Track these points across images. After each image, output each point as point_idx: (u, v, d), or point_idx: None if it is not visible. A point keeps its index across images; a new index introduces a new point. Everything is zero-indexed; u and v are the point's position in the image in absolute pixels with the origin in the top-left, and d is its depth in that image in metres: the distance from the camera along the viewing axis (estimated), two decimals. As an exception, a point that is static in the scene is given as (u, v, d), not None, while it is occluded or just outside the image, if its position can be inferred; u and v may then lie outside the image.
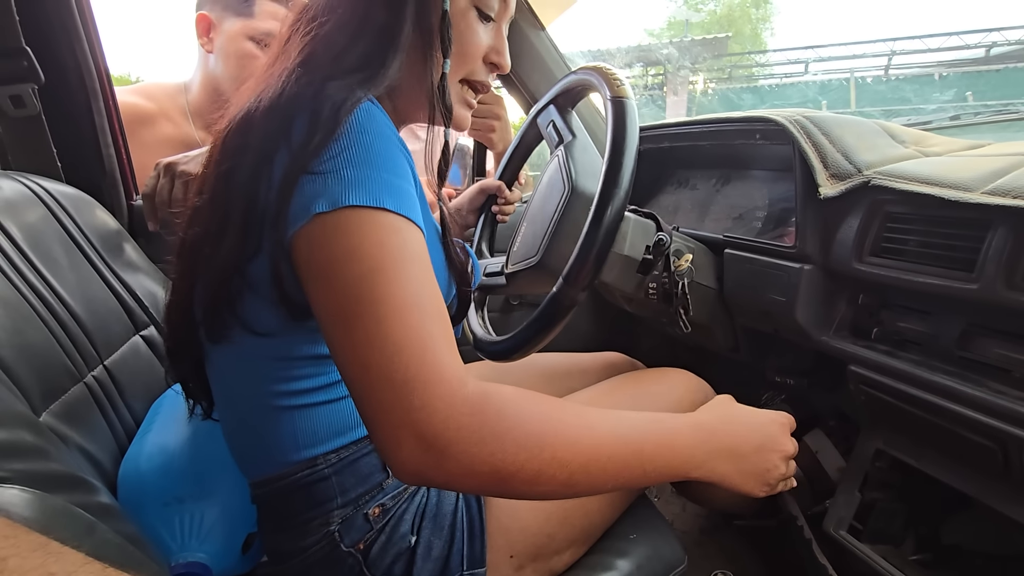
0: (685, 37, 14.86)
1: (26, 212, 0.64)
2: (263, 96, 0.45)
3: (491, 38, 0.57)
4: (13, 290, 0.55)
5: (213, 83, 1.05)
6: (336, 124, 0.41)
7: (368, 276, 0.38)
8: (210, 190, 0.47)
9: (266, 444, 0.52)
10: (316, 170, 0.40)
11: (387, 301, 0.38)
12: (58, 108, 0.83)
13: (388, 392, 0.37)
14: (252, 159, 0.44)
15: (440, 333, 0.40)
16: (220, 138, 0.48)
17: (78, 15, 0.83)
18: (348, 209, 0.39)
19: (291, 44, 0.50)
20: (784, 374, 0.80)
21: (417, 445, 0.37)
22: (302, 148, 0.41)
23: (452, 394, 0.38)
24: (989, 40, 12.10)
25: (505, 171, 0.91)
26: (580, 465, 0.42)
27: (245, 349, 0.49)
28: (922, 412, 0.57)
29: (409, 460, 0.38)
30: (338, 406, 0.51)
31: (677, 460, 0.48)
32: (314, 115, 0.42)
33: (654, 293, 0.73)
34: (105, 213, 0.80)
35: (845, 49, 13.19)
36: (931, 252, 0.55)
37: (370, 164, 0.41)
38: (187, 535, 0.56)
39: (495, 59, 0.57)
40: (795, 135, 0.66)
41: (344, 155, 0.41)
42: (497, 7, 0.56)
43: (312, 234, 0.40)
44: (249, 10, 0.99)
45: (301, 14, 0.52)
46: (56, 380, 0.55)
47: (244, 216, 0.44)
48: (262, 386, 0.50)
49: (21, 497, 0.36)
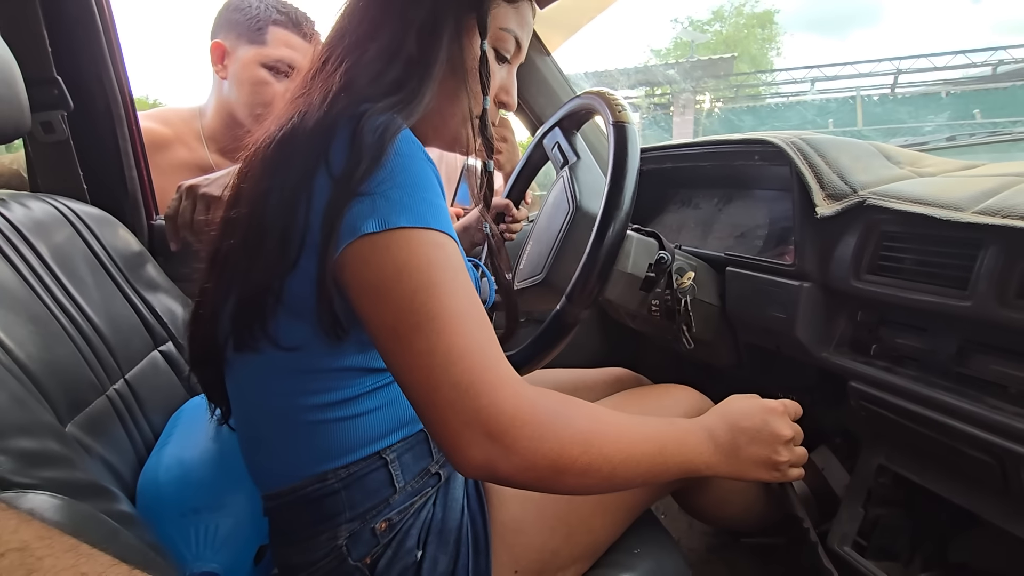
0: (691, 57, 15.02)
1: (55, 232, 0.67)
2: (308, 115, 0.48)
3: (503, 78, 0.61)
4: (43, 307, 0.58)
5: (227, 108, 1.09)
6: (382, 151, 0.44)
7: (422, 290, 0.42)
8: (248, 204, 0.49)
9: (280, 457, 0.53)
10: (364, 192, 0.43)
11: (444, 312, 0.42)
12: (85, 133, 0.87)
13: (454, 396, 0.41)
14: (293, 178, 0.46)
15: (492, 339, 0.44)
16: (259, 153, 0.50)
17: (106, 45, 0.87)
18: (397, 230, 0.42)
19: (329, 69, 0.52)
20: (787, 390, 0.81)
21: (485, 442, 0.41)
22: (348, 173, 0.44)
23: (516, 395, 0.42)
24: (996, 59, 12.13)
25: (512, 190, 0.94)
26: (620, 460, 0.46)
27: (268, 361, 0.51)
28: (921, 427, 0.58)
29: (478, 457, 0.41)
30: (352, 423, 0.53)
31: (690, 457, 0.52)
32: (355, 140, 0.45)
33: (657, 310, 0.75)
34: (127, 232, 0.83)
35: (851, 68, 13.26)
36: (926, 270, 0.56)
37: (414, 186, 0.44)
38: (202, 545, 0.58)
39: (504, 98, 0.62)
40: (792, 157, 0.68)
41: (391, 179, 0.44)
42: (512, 50, 0.60)
43: (361, 252, 0.43)
44: (262, 38, 1.03)
45: (338, 41, 0.55)
46: (81, 393, 0.58)
47: (282, 234, 0.46)
48: (281, 399, 0.52)
49: (51, 503, 0.38)
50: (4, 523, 0.25)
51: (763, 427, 0.56)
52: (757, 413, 0.56)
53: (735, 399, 0.59)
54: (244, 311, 0.50)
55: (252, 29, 1.03)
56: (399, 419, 0.55)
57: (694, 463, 0.52)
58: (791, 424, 0.58)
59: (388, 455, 0.54)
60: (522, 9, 0.60)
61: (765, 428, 0.56)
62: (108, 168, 0.91)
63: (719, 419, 0.56)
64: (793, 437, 0.57)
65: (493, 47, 0.58)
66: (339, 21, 0.57)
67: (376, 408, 0.53)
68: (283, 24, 1.04)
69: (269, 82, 1.04)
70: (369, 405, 0.53)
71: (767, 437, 0.55)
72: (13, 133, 0.63)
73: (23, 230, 0.62)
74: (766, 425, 0.56)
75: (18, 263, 0.58)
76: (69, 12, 0.83)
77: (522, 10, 0.60)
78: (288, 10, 1.06)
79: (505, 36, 0.58)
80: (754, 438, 0.55)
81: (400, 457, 0.55)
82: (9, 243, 0.59)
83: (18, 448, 0.41)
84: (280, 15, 1.04)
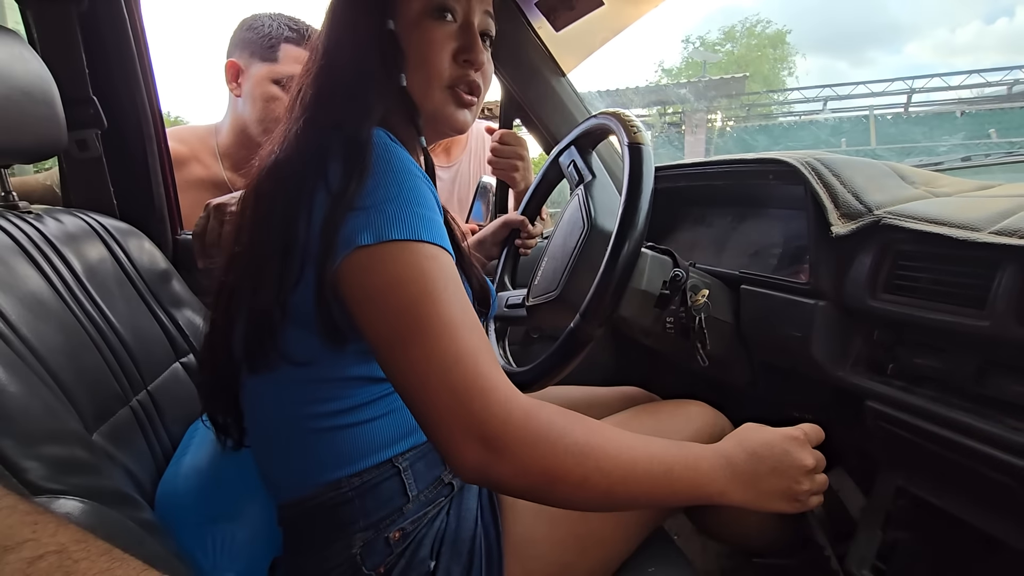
0: (703, 77, 15.11)
1: (86, 246, 0.69)
2: (285, 144, 0.51)
3: (456, 38, 0.57)
4: (73, 318, 0.60)
5: (241, 125, 1.12)
6: (365, 163, 0.46)
7: (417, 300, 0.43)
8: (248, 236, 0.51)
9: (295, 466, 0.54)
10: (359, 206, 0.45)
11: (438, 321, 0.43)
12: (117, 150, 0.90)
13: (449, 400, 0.42)
14: (288, 200, 0.48)
15: (486, 347, 0.45)
16: (251, 187, 0.53)
17: (139, 66, 0.91)
18: (391, 242, 0.44)
19: (304, 92, 0.55)
20: (803, 409, 0.80)
21: (478, 446, 0.42)
22: (342, 190, 0.46)
23: (507, 400, 0.43)
24: (1011, 78, 12.06)
25: (527, 207, 0.95)
26: (620, 477, 0.46)
27: (282, 375, 0.53)
28: (941, 449, 0.57)
29: (470, 460, 0.42)
30: (363, 429, 0.54)
31: (701, 483, 0.50)
32: (344, 156, 0.47)
33: (671, 327, 0.75)
34: (152, 246, 0.85)
35: (864, 87, 13.24)
36: (942, 289, 0.56)
37: (408, 201, 0.46)
38: (219, 554, 0.58)
39: (466, 56, 0.57)
40: (806, 176, 0.68)
41: (380, 191, 0.46)
42: (455, 6, 0.56)
43: (358, 264, 0.44)
44: (273, 55, 1.07)
45: (304, 67, 0.57)
46: (106, 403, 0.59)
47: (283, 253, 0.48)
48: (295, 409, 0.53)
49: (81, 508, 0.39)
50: (44, 526, 0.26)
51: (784, 457, 0.53)
52: (778, 443, 0.54)
53: (754, 427, 0.57)
54: (256, 331, 0.51)
55: (264, 47, 1.07)
56: (406, 426, 0.56)
57: (706, 489, 0.51)
58: (813, 452, 0.55)
59: (400, 463, 0.55)
60: None
61: (787, 458, 0.53)
62: (137, 184, 0.94)
63: (738, 446, 0.54)
64: (815, 466, 0.55)
65: (429, 11, 0.55)
66: (312, 45, 0.59)
67: (382, 415, 0.54)
68: (294, 41, 1.08)
69: (280, 98, 1.07)
70: (375, 412, 0.54)
71: (789, 467, 0.53)
72: (51, 150, 0.66)
73: (57, 243, 0.64)
74: (787, 455, 0.53)
75: (51, 275, 0.60)
76: (106, 35, 0.87)
77: None
78: (300, 27, 1.09)
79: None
80: (775, 468, 0.53)
81: (412, 465, 0.55)
82: (44, 256, 0.61)
83: (49, 455, 0.42)
84: (292, 32, 1.08)
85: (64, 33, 0.82)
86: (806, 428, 0.57)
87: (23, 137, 0.62)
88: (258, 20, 1.08)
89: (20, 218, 0.63)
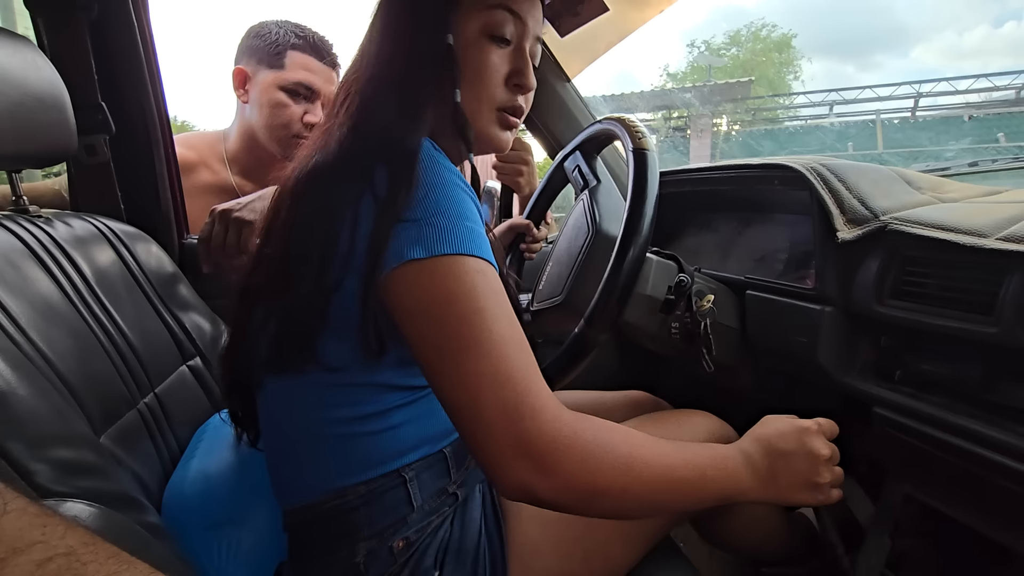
0: (708, 81, 15.12)
1: (95, 249, 0.70)
2: (326, 148, 0.50)
3: (509, 62, 0.57)
4: (82, 321, 0.60)
5: (248, 131, 1.13)
6: (413, 174, 0.46)
7: (469, 316, 0.44)
8: (280, 238, 0.51)
9: (306, 469, 0.54)
10: (408, 218, 0.45)
11: (490, 337, 0.44)
12: (124, 155, 0.91)
13: (500, 418, 0.42)
14: (329, 205, 0.48)
15: (534, 364, 0.45)
16: (288, 190, 0.52)
17: (147, 72, 0.92)
18: (443, 256, 0.44)
19: (351, 98, 0.55)
20: (809, 415, 0.80)
21: (526, 464, 0.42)
22: (391, 200, 0.46)
23: (556, 419, 0.43)
24: (1019, 82, 12.00)
25: (532, 211, 0.96)
26: (658, 484, 0.47)
27: (308, 379, 0.52)
28: (950, 456, 0.56)
29: (519, 478, 0.43)
30: (379, 437, 0.53)
31: (730, 483, 0.51)
32: (393, 165, 0.47)
33: (677, 332, 0.75)
34: (159, 250, 0.86)
35: (870, 92, 13.21)
36: (950, 296, 0.56)
37: (457, 215, 0.46)
38: (224, 560, 0.58)
39: (517, 80, 0.58)
40: (812, 182, 0.68)
41: (430, 204, 0.46)
42: (511, 30, 0.56)
43: (409, 277, 0.45)
44: (280, 62, 1.08)
45: (357, 70, 0.57)
46: (114, 406, 0.59)
47: (321, 259, 0.48)
48: (314, 413, 0.53)
49: (89, 512, 0.39)
50: (53, 529, 0.26)
51: (800, 448, 0.54)
52: (792, 433, 0.55)
53: (769, 419, 0.58)
54: (289, 335, 0.51)
55: (271, 54, 1.08)
56: (422, 436, 0.56)
57: (732, 489, 0.51)
58: (827, 443, 0.56)
59: (407, 473, 0.54)
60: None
61: (802, 448, 0.54)
62: (144, 188, 0.95)
63: (754, 443, 0.55)
64: (831, 456, 0.55)
65: (487, 33, 0.55)
66: (358, 51, 0.58)
67: (403, 423, 0.54)
68: (301, 48, 1.09)
69: (287, 104, 1.08)
70: (397, 420, 0.54)
71: (805, 457, 0.54)
72: (61, 155, 0.67)
73: (66, 247, 0.65)
74: (803, 445, 0.54)
75: (61, 279, 0.61)
76: (115, 41, 0.88)
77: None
78: (306, 34, 1.10)
79: (494, 15, 0.55)
80: (792, 460, 0.54)
81: (419, 476, 0.55)
82: (53, 259, 0.62)
83: (57, 458, 0.42)
84: (298, 39, 1.09)
85: (75, 40, 0.83)
86: (820, 420, 0.57)
87: (35, 142, 0.62)
88: (265, 28, 1.10)
89: (30, 222, 0.64)
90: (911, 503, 0.66)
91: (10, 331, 0.49)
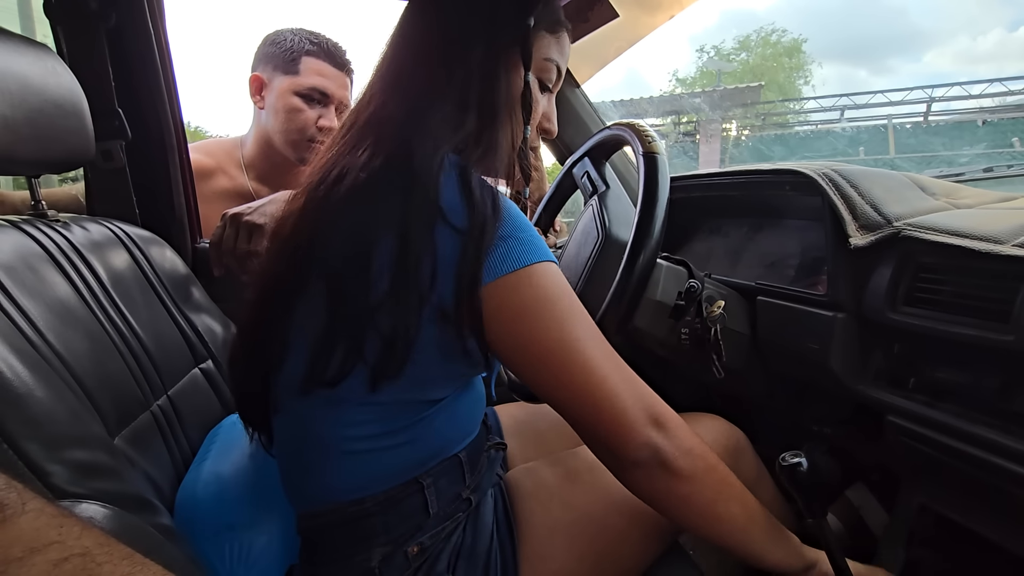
0: (718, 87, 15.07)
1: (110, 253, 0.71)
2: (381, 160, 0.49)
3: (545, 106, 0.63)
4: (98, 324, 0.61)
5: (264, 137, 1.15)
6: (496, 203, 0.49)
7: (568, 314, 0.49)
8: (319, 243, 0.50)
9: (321, 483, 0.54)
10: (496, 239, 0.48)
11: (590, 329, 0.50)
12: (140, 161, 0.92)
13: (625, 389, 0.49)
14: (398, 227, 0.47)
15: None
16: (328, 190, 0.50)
17: (163, 79, 0.93)
18: (534, 265, 0.48)
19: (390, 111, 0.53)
20: (822, 423, 0.79)
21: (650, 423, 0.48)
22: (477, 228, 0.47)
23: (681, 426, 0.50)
24: (1034, 87, 11.84)
25: (541, 217, 0.96)
26: (746, 520, 0.52)
27: (337, 395, 0.50)
28: (965, 465, 0.56)
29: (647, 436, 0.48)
30: (396, 452, 0.53)
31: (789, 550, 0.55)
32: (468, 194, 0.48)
33: (687, 339, 0.75)
34: (173, 254, 0.87)
35: (882, 96, 13.10)
36: (965, 303, 0.55)
37: (529, 228, 0.51)
38: (235, 562, 0.59)
39: (546, 125, 0.64)
40: (824, 187, 0.68)
41: (512, 224, 0.49)
42: (554, 79, 0.63)
43: (506, 287, 0.48)
44: (295, 68, 1.10)
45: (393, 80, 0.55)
46: (128, 408, 0.60)
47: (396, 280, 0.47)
48: (332, 429, 0.52)
49: (103, 513, 0.40)
50: (69, 529, 0.27)
51: None
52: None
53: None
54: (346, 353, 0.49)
55: (287, 60, 1.10)
56: (441, 444, 0.56)
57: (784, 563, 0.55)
58: None
59: (425, 480, 0.55)
60: (562, 39, 0.62)
61: None
62: (158, 193, 0.96)
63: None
64: None
65: (537, 77, 0.60)
66: (391, 61, 0.57)
67: (423, 435, 0.54)
68: (315, 54, 1.11)
69: (302, 109, 1.10)
70: (418, 432, 0.53)
71: None
72: (79, 161, 0.68)
73: (82, 250, 0.66)
74: None
75: (77, 282, 0.62)
76: (132, 49, 0.89)
77: (562, 40, 0.62)
78: (321, 41, 1.12)
79: (548, 66, 0.61)
80: None
81: (436, 482, 0.55)
82: (70, 262, 0.63)
83: (72, 459, 0.43)
84: (313, 46, 1.11)
85: (92, 48, 0.85)
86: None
87: (54, 148, 0.64)
88: (280, 35, 1.12)
89: (48, 226, 0.65)
90: (926, 513, 0.65)
91: (27, 333, 0.50)
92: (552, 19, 0.60)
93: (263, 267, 0.56)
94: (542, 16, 0.58)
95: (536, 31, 0.57)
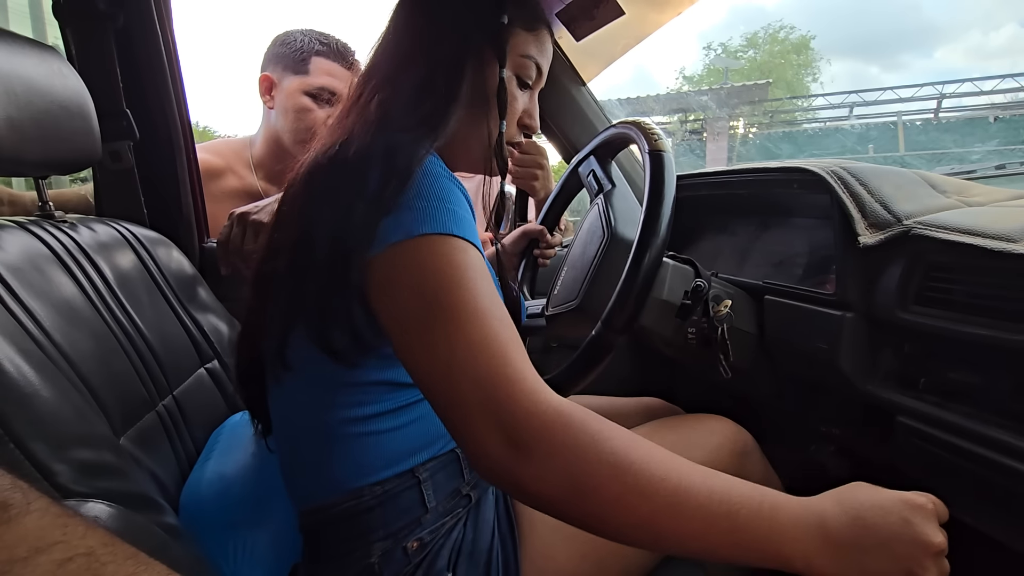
0: (725, 84, 14.98)
1: (117, 254, 0.71)
2: (348, 144, 0.51)
3: (526, 103, 0.63)
4: (104, 324, 0.61)
5: (274, 137, 1.16)
6: (410, 174, 0.47)
7: (443, 289, 0.43)
8: (294, 228, 0.52)
9: (319, 471, 0.55)
10: (392, 208, 0.46)
11: (464, 308, 0.42)
12: (147, 161, 0.93)
13: (472, 388, 0.40)
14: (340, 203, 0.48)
15: (515, 338, 0.43)
16: (302, 179, 0.53)
17: (171, 80, 0.93)
18: (420, 237, 0.44)
19: (364, 101, 0.56)
20: (830, 423, 0.78)
21: (501, 440, 0.39)
22: (379, 195, 0.46)
23: (535, 392, 0.40)
24: (1047, 83, 11.68)
25: (547, 216, 0.95)
26: (665, 504, 0.38)
27: (315, 375, 0.53)
28: (976, 467, 0.55)
29: (493, 454, 0.39)
30: (386, 437, 0.54)
31: (776, 540, 0.39)
32: (389, 166, 0.47)
33: (693, 338, 0.74)
34: (180, 254, 0.87)
35: (891, 93, 12.96)
36: (977, 302, 0.54)
37: (437, 198, 0.47)
38: (239, 561, 0.59)
39: (527, 121, 0.64)
40: (832, 185, 0.67)
41: (416, 193, 0.46)
42: (534, 76, 0.63)
43: (387, 260, 0.45)
44: (305, 68, 1.11)
45: (372, 75, 0.59)
46: (134, 408, 0.60)
47: (329, 255, 0.48)
48: (317, 413, 0.53)
49: (109, 512, 0.40)
50: (73, 529, 0.27)
51: (904, 528, 0.40)
52: (897, 509, 0.41)
53: (864, 486, 0.43)
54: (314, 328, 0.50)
55: (296, 60, 1.11)
56: (430, 435, 0.56)
57: (784, 550, 0.39)
58: (941, 529, 0.42)
59: (421, 473, 0.55)
60: (541, 36, 0.62)
61: (907, 530, 0.40)
62: (166, 193, 0.97)
63: (837, 505, 0.41)
64: (942, 548, 0.41)
65: (515, 74, 0.61)
66: (373, 57, 0.61)
67: (407, 423, 0.55)
68: (325, 54, 1.12)
69: (311, 109, 1.10)
70: (401, 420, 0.54)
71: (909, 543, 0.39)
72: (86, 162, 0.68)
73: (89, 251, 0.66)
74: (908, 526, 0.40)
75: (84, 282, 0.62)
76: (140, 50, 0.90)
77: (541, 37, 0.62)
78: (330, 41, 1.13)
79: (526, 63, 0.61)
80: (888, 542, 0.39)
81: (433, 476, 0.56)
82: (77, 263, 0.63)
83: (78, 459, 0.43)
84: (322, 46, 1.12)
85: (100, 49, 0.86)
86: (932, 498, 0.43)
87: (59, 149, 0.64)
88: (290, 36, 1.13)
89: (55, 227, 0.65)
90: (936, 515, 0.64)
91: (34, 333, 0.50)
92: (529, 16, 0.61)
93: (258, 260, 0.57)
94: (517, 14, 0.59)
95: (512, 28, 0.59)
